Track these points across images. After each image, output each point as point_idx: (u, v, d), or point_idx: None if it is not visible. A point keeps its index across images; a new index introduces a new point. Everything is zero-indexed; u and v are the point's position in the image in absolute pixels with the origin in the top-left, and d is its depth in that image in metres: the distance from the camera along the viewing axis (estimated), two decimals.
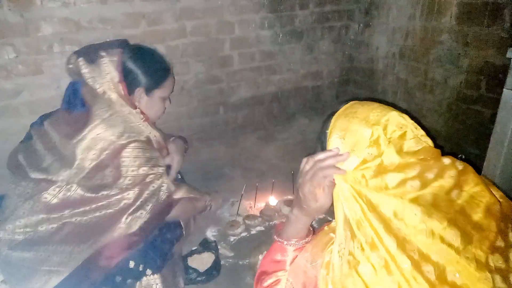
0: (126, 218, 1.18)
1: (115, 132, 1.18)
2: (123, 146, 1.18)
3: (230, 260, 1.57)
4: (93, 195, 1.17)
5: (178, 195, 1.38)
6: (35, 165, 1.18)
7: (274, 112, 2.65)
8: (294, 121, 2.72)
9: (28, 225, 1.13)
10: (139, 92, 1.29)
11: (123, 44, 1.29)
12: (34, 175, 1.17)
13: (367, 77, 2.78)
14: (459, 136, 2.26)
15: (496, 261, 0.60)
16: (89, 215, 1.16)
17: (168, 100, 1.43)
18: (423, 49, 2.35)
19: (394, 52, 2.54)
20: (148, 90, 1.31)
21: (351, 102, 0.85)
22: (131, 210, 1.19)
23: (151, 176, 1.24)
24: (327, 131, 0.82)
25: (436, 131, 2.36)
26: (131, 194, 1.19)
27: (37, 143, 1.21)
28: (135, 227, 1.19)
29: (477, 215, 0.63)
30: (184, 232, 1.43)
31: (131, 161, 1.20)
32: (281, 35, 2.45)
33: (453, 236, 0.60)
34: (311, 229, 0.94)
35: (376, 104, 0.81)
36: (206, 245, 1.58)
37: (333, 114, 0.84)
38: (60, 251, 1.12)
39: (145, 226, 1.22)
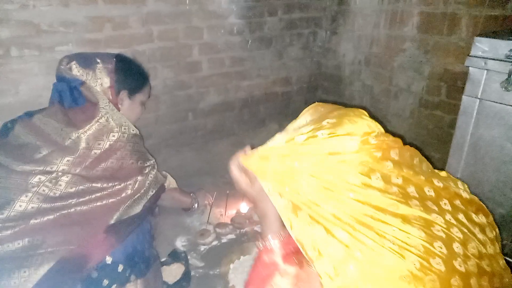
0: (127, 205, 1.23)
1: (119, 125, 1.27)
2: (126, 139, 1.27)
3: (201, 270, 1.54)
4: (95, 185, 1.19)
5: (170, 185, 1.53)
6: (26, 158, 1.16)
7: (244, 118, 2.65)
8: (264, 127, 2.73)
9: (24, 217, 1.09)
10: (124, 94, 1.38)
11: (113, 55, 1.38)
12: (27, 167, 1.14)
13: (334, 83, 2.84)
14: (422, 141, 2.35)
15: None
16: (89, 205, 1.17)
17: (144, 106, 1.53)
18: (388, 56, 2.43)
19: (360, 59, 2.61)
20: (131, 94, 1.41)
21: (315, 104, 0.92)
22: (134, 198, 1.25)
23: (147, 168, 1.32)
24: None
25: (400, 136, 2.44)
26: (132, 185, 1.25)
27: (25, 136, 1.21)
28: (132, 212, 1.24)
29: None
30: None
31: (132, 154, 1.28)
32: (250, 41, 2.46)
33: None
34: None
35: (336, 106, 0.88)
36: (175, 256, 1.55)
37: None
38: (54, 236, 1.10)
39: (143, 211, 1.28)
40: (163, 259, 1.53)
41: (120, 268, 1.20)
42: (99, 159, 1.22)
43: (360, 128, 0.77)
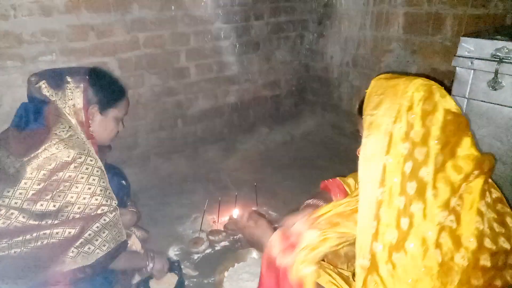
0: (73, 252, 1.09)
1: (72, 154, 1.11)
2: (78, 170, 1.11)
3: (195, 279, 1.53)
4: (36, 222, 1.06)
5: (133, 246, 1.33)
6: None
7: (234, 123, 2.64)
8: (255, 131, 2.72)
9: None
10: (94, 109, 1.24)
11: (87, 71, 1.26)
12: None
13: (323, 85, 2.85)
14: None
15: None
16: (29, 245, 1.06)
17: (122, 123, 1.38)
18: (374, 57, 2.45)
19: (347, 61, 2.63)
20: (103, 108, 1.27)
21: (384, 74, 0.91)
22: (77, 243, 1.09)
23: (104, 207, 1.15)
24: (366, 90, 0.86)
25: None
26: (78, 224, 1.10)
27: None
28: (82, 262, 1.10)
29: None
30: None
31: (84, 188, 1.12)
32: (237, 46, 2.45)
33: None
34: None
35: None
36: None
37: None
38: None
39: (96, 264, 1.13)
40: None
41: None
42: (43, 192, 1.08)
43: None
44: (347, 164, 1.87)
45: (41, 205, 1.08)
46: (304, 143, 2.72)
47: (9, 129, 1.18)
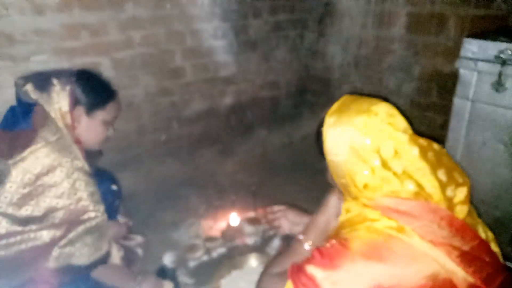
0: (55, 251, 1.08)
1: (58, 158, 1.11)
2: (64, 174, 1.11)
3: (191, 287, 1.51)
4: (20, 228, 1.06)
5: (115, 259, 1.30)
6: None
7: (231, 125, 2.60)
8: (253, 133, 2.69)
9: None
10: (80, 111, 1.22)
11: (74, 73, 1.25)
12: None
13: (324, 86, 2.81)
14: None
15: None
16: (12, 249, 1.06)
17: (112, 127, 1.35)
18: (376, 58, 2.41)
19: (349, 61, 2.59)
20: (90, 110, 1.25)
21: (342, 98, 0.92)
22: (61, 243, 1.09)
23: (91, 213, 1.15)
24: (322, 129, 0.89)
25: None
26: (63, 226, 1.10)
27: None
28: (63, 262, 1.10)
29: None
30: None
31: (70, 193, 1.11)
32: (235, 45, 2.41)
33: None
34: None
35: (365, 97, 0.90)
36: (163, 273, 1.48)
37: (325, 113, 0.91)
38: None
39: (75, 268, 1.12)
40: None
41: None
42: (28, 196, 1.08)
43: None
44: None
45: (26, 210, 1.08)
46: (304, 145, 2.69)
47: None
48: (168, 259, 1.63)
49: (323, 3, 2.62)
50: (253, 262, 1.57)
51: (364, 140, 0.80)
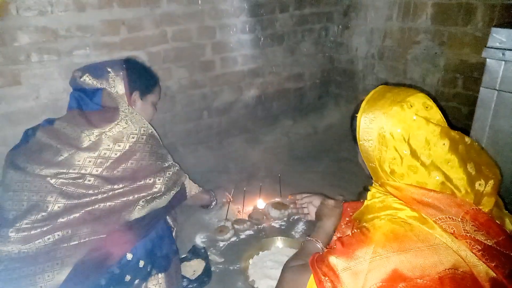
0: (140, 204, 1.26)
1: (137, 127, 1.31)
2: (145, 141, 1.32)
3: (221, 266, 1.57)
4: (116, 186, 1.23)
5: (192, 191, 1.56)
6: (48, 161, 1.21)
7: (258, 115, 2.66)
8: (278, 123, 2.74)
9: (51, 217, 1.14)
10: (136, 95, 1.42)
11: (121, 61, 1.43)
12: (50, 170, 1.19)
13: (348, 78, 2.83)
14: None
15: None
16: (111, 202, 1.22)
17: (155, 108, 1.54)
18: (401, 49, 2.41)
19: (373, 53, 2.59)
20: (143, 94, 1.45)
21: (379, 87, 0.94)
22: (153, 196, 1.29)
23: (166, 168, 1.36)
24: (356, 115, 0.90)
25: None
26: (151, 184, 1.29)
27: (46, 141, 1.25)
28: (159, 204, 1.31)
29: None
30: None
31: (150, 155, 1.32)
32: (262, 39, 2.46)
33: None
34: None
35: (402, 87, 0.91)
36: (195, 252, 1.57)
37: (363, 100, 0.93)
38: (82, 229, 1.16)
39: (157, 213, 1.32)
40: (183, 256, 1.56)
41: (141, 263, 1.24)
42: (119, 161, 1.26)
43: None
44: None
45: (118, 171, 1.26)
46: (327, 135, 2.71)
47: (73, 111, 1.32)
48: (200, 240, 1.71)
49: None
50: (279, 243, 1.62)
51: (395, 129, 0.82)
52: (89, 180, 1.21)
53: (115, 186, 1.23)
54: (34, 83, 1.79)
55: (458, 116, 2.21)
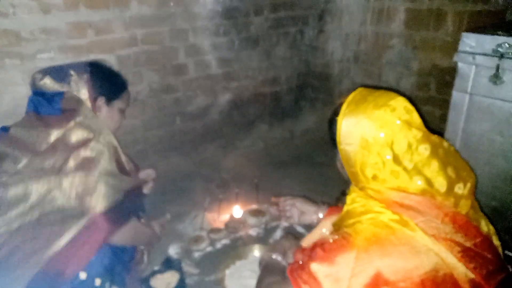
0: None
1: (98, 133, 1.23)
2: (103, 147, 1.23)
3: (196, 277, 1.52)
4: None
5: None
6: (6, 172, 1.15)
7: (233, 120, 2.63)
8: (254, 128, 2.72)
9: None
10: (101, 101, 1.35)
11: (86, 64, 1.37)
12: (11, 179, 1.13)
13: (324, 82, 2.84)
14: None
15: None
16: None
17: (124, 115, 1.48)
18: (376, 53, 2.44)
19: (348, 57, 2.62)
20: (109, 100, 1.38)
21: (358, 89, 0.93)
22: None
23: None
24: (336, 118, 0.89)
25: None
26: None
27: (4, 149, 1.18)
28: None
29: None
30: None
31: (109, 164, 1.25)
32: (237, 42, 2.44)
33: None
34: None
35: (382, 90, 0.91)
36: (168, 264, 1.53)
37: (342, 102, 0.92)
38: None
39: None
40: (156, 268, 1.51)
41: (98, 282, 1.16)
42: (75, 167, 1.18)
43: None
44: None
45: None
46: (304, 140, 2.71)
47: (29, 114, 1.26)
48: (173, 251, 1.65)
49: (323, 0, 2.65)
50: (256, 252, 1.59)
51: (378, 133, 0.81)
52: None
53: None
54: None
55: (432, 119, 2.25)
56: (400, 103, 0.84)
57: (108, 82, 1.38)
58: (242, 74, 2.55)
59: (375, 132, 0.81)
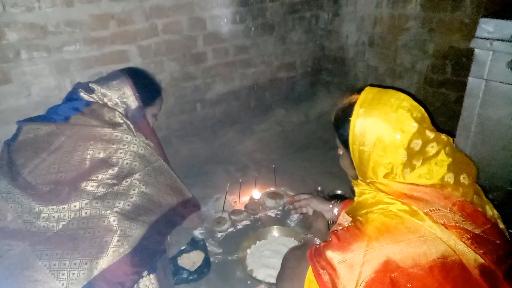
0: None
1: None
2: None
3: (219, 256, 1.60)
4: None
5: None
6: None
7: (251, 105, 2.67)
8: (271, 113, 2.75)
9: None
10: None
11: (124, 71, 1.43)
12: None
13: (339, 65, 2.84)
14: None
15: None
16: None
17: (156, 118, 1.53)
18: (391, 36, 2.42)
19: (363, 40, 2.60)
20: (144, 107, 1.43)
21: (367, 89, 0.93)
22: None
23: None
24: (350, 118, 0.89)
25: None
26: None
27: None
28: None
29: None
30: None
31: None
32: (253, 29, 2.45)
33: None
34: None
35: (390, 90, 0.93)
36: (194, 244, 1.61)
37: (350, 102, 0.92)
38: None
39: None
40: (182, 247, 1.59)
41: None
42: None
43: None
44: None
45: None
46: (319, 123, 2.74)
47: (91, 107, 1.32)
48: (198, 232, 1.73)
49: None
50: (275, 232, 1.66)
51: (395, 135, 0.83)
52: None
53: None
54: (25, 80, 1.78)
55: (447, 102, 2.25)
56: (412, 103, 0.87)
57: (143, 90, 1.42)
58: (258, 60, 2.57)
59: (392, 134, 0.84)
